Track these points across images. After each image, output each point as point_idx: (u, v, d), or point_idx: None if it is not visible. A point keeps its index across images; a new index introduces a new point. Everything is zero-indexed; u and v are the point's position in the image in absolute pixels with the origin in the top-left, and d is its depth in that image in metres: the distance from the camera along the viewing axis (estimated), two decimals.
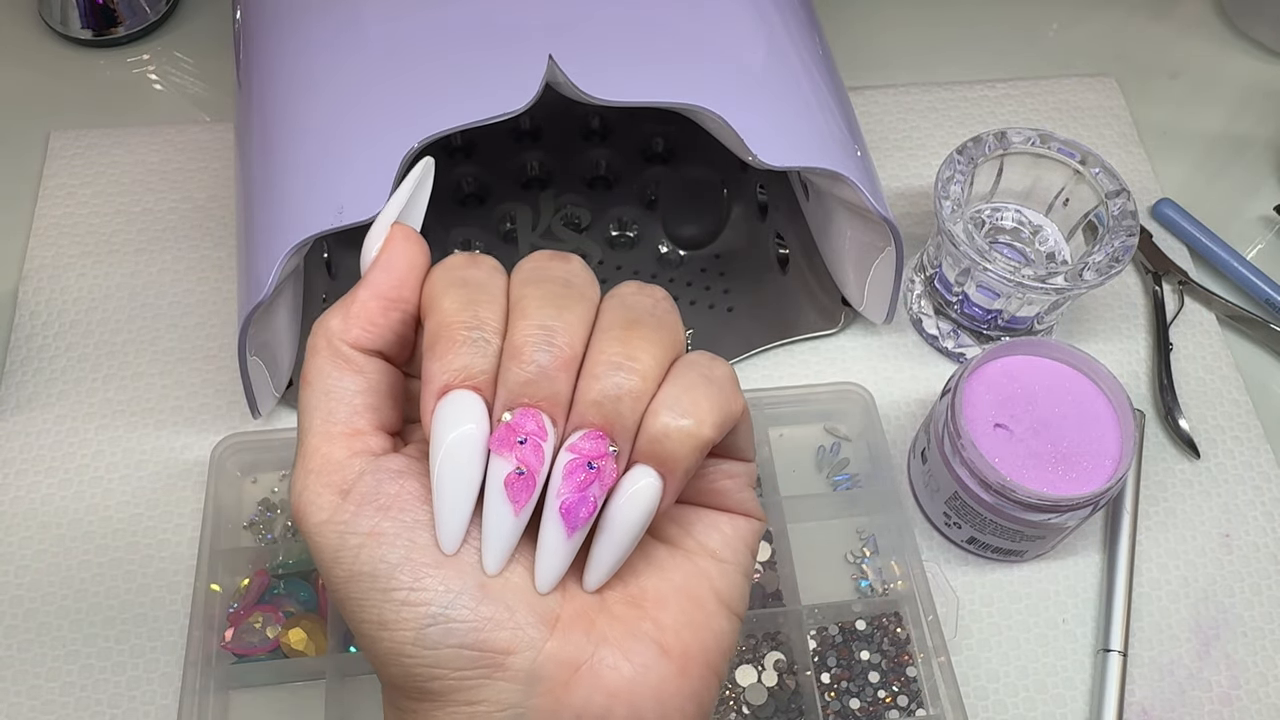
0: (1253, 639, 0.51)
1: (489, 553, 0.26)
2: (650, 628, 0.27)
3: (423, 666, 0.25)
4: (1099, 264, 0.51)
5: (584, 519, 0.26)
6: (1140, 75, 0.71)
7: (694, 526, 0.29)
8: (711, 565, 0.29)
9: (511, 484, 0.25)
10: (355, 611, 0.26)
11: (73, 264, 0.58)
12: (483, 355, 0.26)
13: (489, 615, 0.26)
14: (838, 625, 0.50)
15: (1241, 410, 0.57)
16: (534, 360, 0.25)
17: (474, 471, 0.26)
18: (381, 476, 0.26)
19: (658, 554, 0.29)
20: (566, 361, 0.26)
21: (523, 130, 0.63)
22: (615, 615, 0.27)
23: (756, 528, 0.31)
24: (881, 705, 0.48)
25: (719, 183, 0.62)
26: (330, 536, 0.26)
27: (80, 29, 0.66)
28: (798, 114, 0.48)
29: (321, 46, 0.46)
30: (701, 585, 0.29)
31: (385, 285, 0.27)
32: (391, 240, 0.27)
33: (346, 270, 0.57)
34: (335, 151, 0.44)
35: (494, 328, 0.26)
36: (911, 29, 0.72)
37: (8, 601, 0.49)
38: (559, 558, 0.26)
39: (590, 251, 0.60)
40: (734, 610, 0.29)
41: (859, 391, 0.54)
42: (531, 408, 0.26)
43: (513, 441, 0.25)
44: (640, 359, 0.26)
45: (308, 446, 0.27)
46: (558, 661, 0.26)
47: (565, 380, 0.26)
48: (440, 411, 0.26)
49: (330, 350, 0.27)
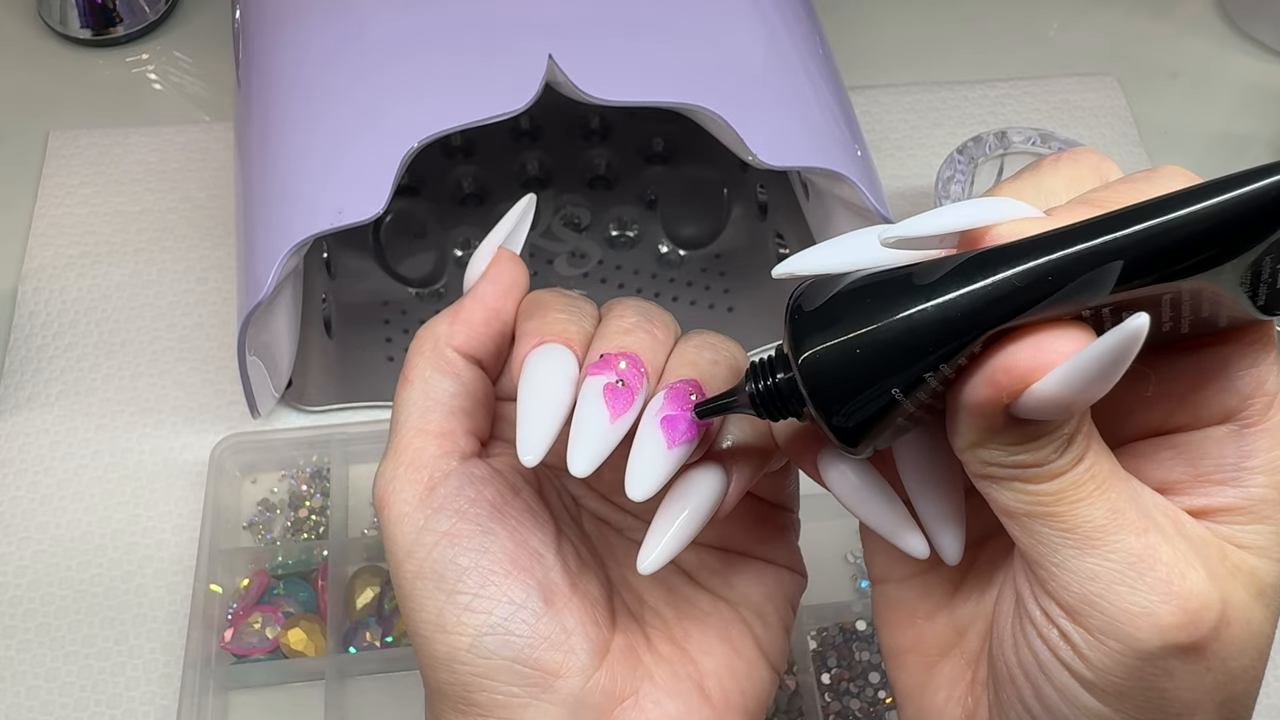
0: None
1: (578, 452, 0.25)
2: (693, 670, 0.28)
3: (473, 675, 0.25)
4: None
5: (684, 435, 0.25)
6: (1140, 75, 0.71)
7: (737, 577, 0.30)
8: (754, 618, 0.29)
9: (610, 391, 0.25)
10: (416, 610, 0.26)
11: (72, 264, 0.58)
12: (580, 324, 0.27)
13: (546, 634, 0.26)
14: (838, 625, 0.50)
15: None
16: (635, 318, 0.27)
17: (562, 393, 0.26)
18: (465, 480, 0.27)
19: (700, 601, 0.29)
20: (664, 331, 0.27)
21: (523, 130, 0.63)
22: (661, 655, 0.28)
23: (799, 582, 0.31)
24: (882, 705, 0.48)
25: (719, 183, 0.62)
26: (409, 530, 0.26)
27: (80, 29, 0.66)
28: (798, 114, 0.48)
29: (321, 46, 0.46)
30: (744, 635, 0.29)
31: (491, 296, 0.29)
32: (499, 259, 0.29)
33: (346, 270, 0.57)
34: (335, 151, 0.44)
35: (589, 313, 0.28)
36: (911, 29, 0.72)
37: (7, 601, 0.49)
38: (659, 466, 0.25)
39: (590, 251, 0.61)
40: (774, 664, 0.29)
41: None
42: (633, 353, 0.26)
43: (614, 363, 0.26)
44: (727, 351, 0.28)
45: (401, 440, 0.27)
46: (604, 691, 0.26)
47: (662, 346, 0.27)
48: (534, 353, 0.27)
49: (435, 352, 0.28)
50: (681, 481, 0.26)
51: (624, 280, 0.60)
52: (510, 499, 0.28)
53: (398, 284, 0.58)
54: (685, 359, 0.27)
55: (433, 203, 0.60)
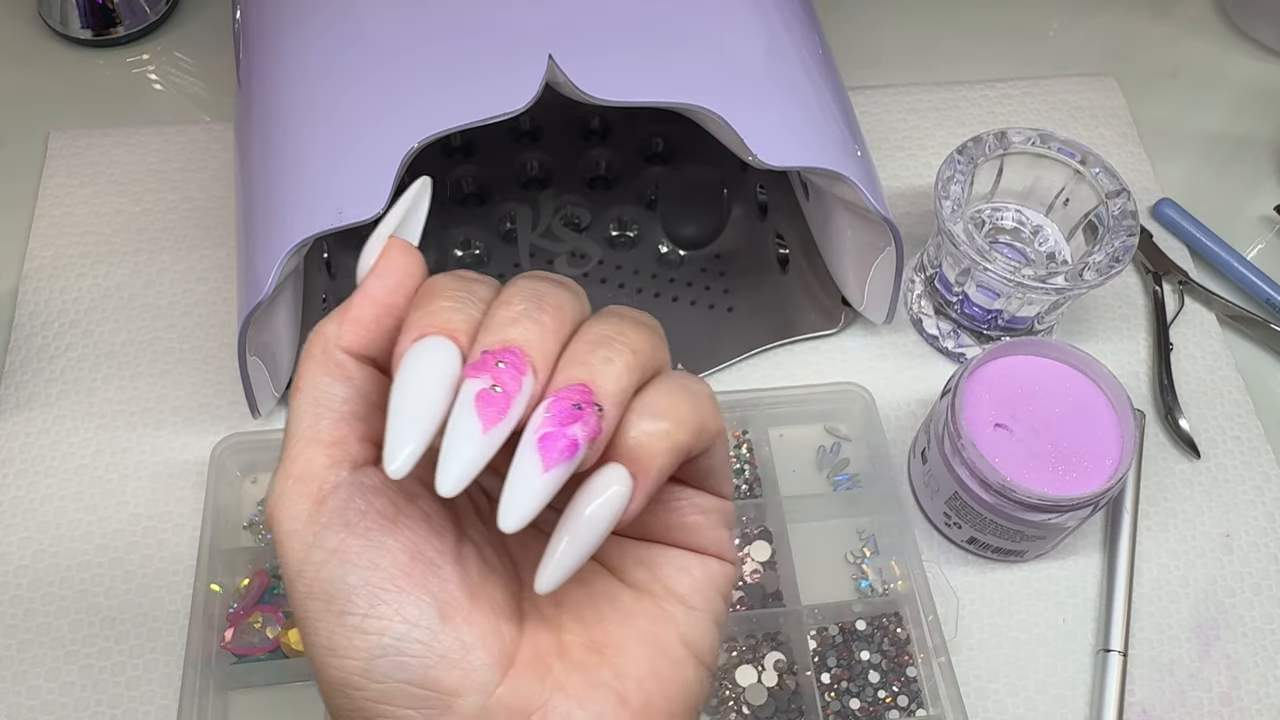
0: (1253, 639, 0.51)
1: (447, 468, 0.23)
2: (610, 676, 0.26)
3: (368, 700, 0.24)
4: (1099, 264, 0.51)
5: (562, 454, 0.23)
6: (1140, 75, 0.71)
7: (662, 569, 0.28)
8: (680, 612, 0.28)
9: (483, 398, 0.23)
10: (309, 634, 0.25)
11: (72, 264, 0.58)
12: (466, 313, 0.25)
13: (443, 652, 0.24)
14: (838, 625, 0.50)
15: (1241, 410, 0.57)
16: (522, 305, 0.25)
17: (436, 397, 0.24)
18: (355, 491, 0.25)
19: (623, 598, 0.28)
20: (556, 319, 0.25)
21: (523, 130, 0.63)
22: (574, 662, 0.26)
23: (729, 572, 0.29)
24: (881, 705, 0.48)
25: (719, 183, 0.62)
26: (298, 548, 0.25)
27: (80, 29, 0.66)
28: (798, 114, 0.48)
29: (321, 46, 0.46)
30: (668, 633, 0.27)
31: (380, 291, 0.27)
32: (388, 250, 0.27)
33: (346, 270, 0.57)
34: (335, 151, 0.44)
35: (483, 298, 0.26)
36: (912, 29, 0.72)
37: (8, 601, 0.49)
38: (532, 493, 0.23)
39: (590, 251, 0.61)
40: (703, 660, 0.28)
41: (859, 391, 0.54)
42: (516, 347, 0.24)
43: (491, 365, 0.24)
44: (631, 338, 0.25)
45: (290, 451, 0.26)
46: (508, 707, 0.25)
47: (552, 333, 0.25)
48: (412, 349, 0.25)
49: (324, 355, 0.26)
50: (584, 487, 0.24)
51: (624, 280, 0.60)
52: (404, 507, 0.26)
53: None
54: (576, 357, 0.25)
55: (433, 203, 0.60)
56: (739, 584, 0.50)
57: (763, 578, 0.50)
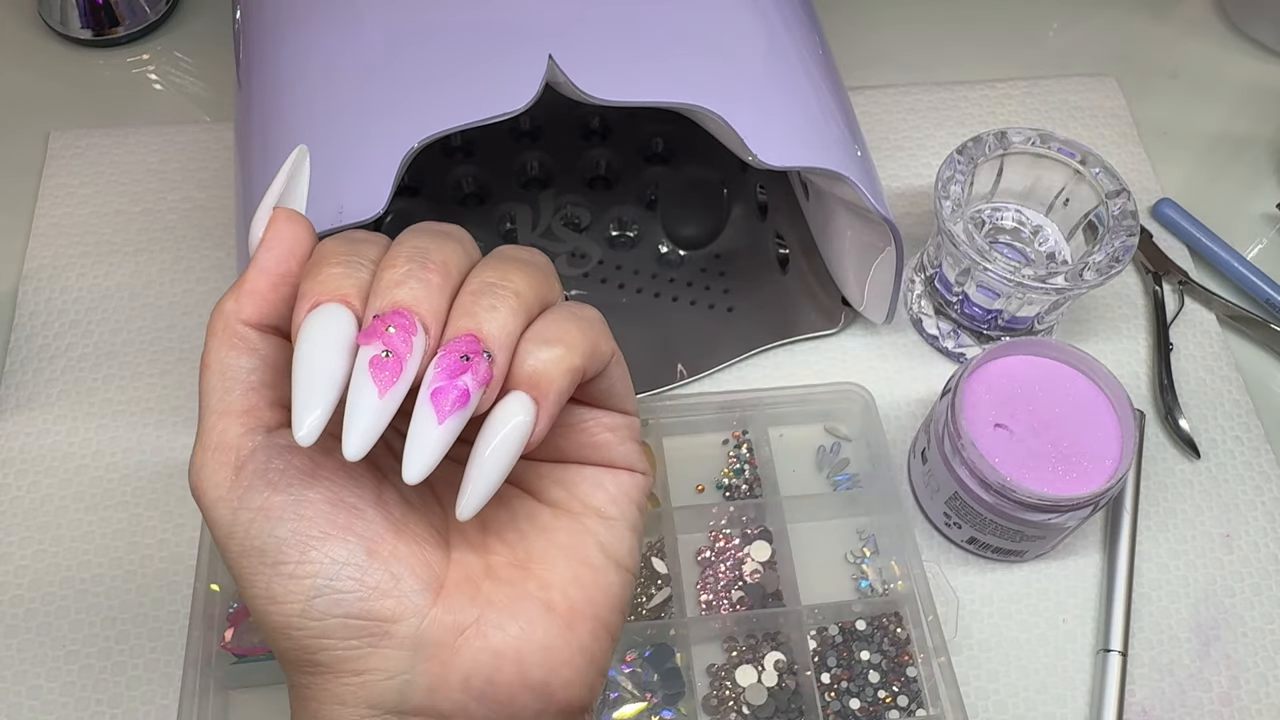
0: (1253, 639, 0.51)
1: (349, 436, 0.25)
2: (535, 588, 0.28)
3: (310, 638, 0.26)
4: (1099, 264, 0.51)
5: (455, 405, 0.25)
6: (1140, 75, 0.71)
7: (578, 486, 0.30)
8: (597, 523, 0.30)
9: (377, 364, 0.25)
10: (247, 588, 0.26)
11: (73, 264, 0.58)
12: (356, 277, 0.26)
13: (374, 584, 0.26)
14: (838, 625, 0.50)
15: (1241, 410, 0.57)
16: (406, 266, 0.26)
17: (335, 364, 0.25)
18: (272, 451, 0.27)
19: (542, 516, 0.30)
20: (441, 274, 0.26)
21: (523, 130, 0.63)
22: (500, 579, 0.28)
23: (641, 482, 0.31)
24: (881, 705, 0.48)
25: (719, 183, 0.62)
26: (224, 513, 0.26)
27: (80, 29, 0.66)
28: (798, 114, 0.48)
29: (321, 46, 0.46)
30: (587, 543, 0.29)
31: (270, 261, 0.28)
32: (274, 221, 0.28)
33: None
34: (335, 151, 0.44)
35: (372, 258, 0.27)
36: (912, 29, 0.72)
37: (8, 601, 0.49)
38: (429, 446, 0.25)
39: (590, 251, 0.61)
40: (623, 565, 0.30)
41: (859, 391, 0.54)
42: (405, 308, 0.25)
43: (381, 330, 0.25)
44: (515, 281, 0.27)
45: (205, 425, 0.27)
46: (443, 626, 0.27)
47: (439, 289, 0.26)
48: (308, 320, 0.26)
49: (226, 331, 0.27)
50: (489, 418, 0.26)
51: (624, 280, 0.60)
52: (322, 460, 0.27)
53: None
54: (462, 308, 0.26)
55: (433, 203, 0.60)
56: (739, 584, 0.50)
57: (763, 578, 0.50)
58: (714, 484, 0.53)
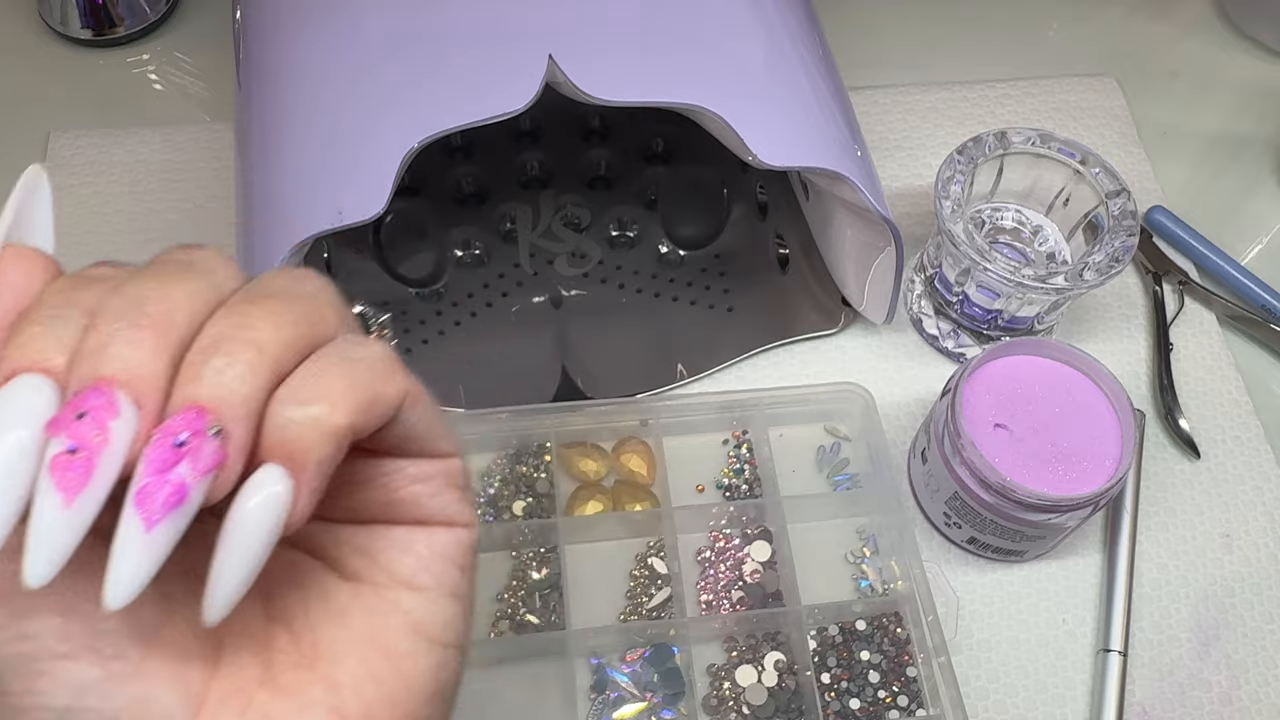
0: (1253, 639, 0.51)
1: (29, 559, 0.19)
2: (322, 692, 0.23)
3: None
4: (1099, 264, 0.51)
5: (165, 506, 0.20)
6: (1140, 75, 0.71)
7: (382, 553, 0.25)
8: (406, 596, 0.25)
9: (59, 466, 0.19)
10: None
11: (72, 264, 0.58)
12: (62, 337, 0.21)
13: (118, 708, 0.21)
14: (838, 625, 0.50)
15: (1241, 410, 0.57)
16: (113, 326, 0.21)
17: (25, 467, 0.20)
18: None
19: (339, 596, 0.25)
20: (159, 330, 0.21)
21: (523, 130, 0.63)
22: (279, 687, 0.23)
23: (462, 537, 0.25)
24: (881, 705, 0.48)
25: (719, 183, 0.62)
26: None
27: (80, 29, 0.66)
28: (798, 114, 0.48)
29: (321, 46, 0.46)
30: (390, 625, 0.24)
31: None
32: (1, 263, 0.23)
33: (346, 270, 0.57)
34: (335, 151, 0.44)
35: (87, 308, 0.22)
36: (912, 29, 0.72)
37: None
38: (132, 562, 0.20)
39: (590, 251, 0.61)
40: (441, 641, 0.25)
41: (859, 391, 0.54)
42: (106, 382, 0.20)
43: (68, 419, 0.20)
44: (258, 327, 0.21)
45: None
46: None
47: (154, 351, 0.21)
48: None
49: None
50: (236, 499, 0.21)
51: (624, 280, 0.60)
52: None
53: (398, 284, 0.58)
54: (187, 372, 0.21)
55: (433, 203, 0.60)
56: (739, 584, 0.50)
57: (763, 578, 0.50)
58: (714, 484, 0.53)
